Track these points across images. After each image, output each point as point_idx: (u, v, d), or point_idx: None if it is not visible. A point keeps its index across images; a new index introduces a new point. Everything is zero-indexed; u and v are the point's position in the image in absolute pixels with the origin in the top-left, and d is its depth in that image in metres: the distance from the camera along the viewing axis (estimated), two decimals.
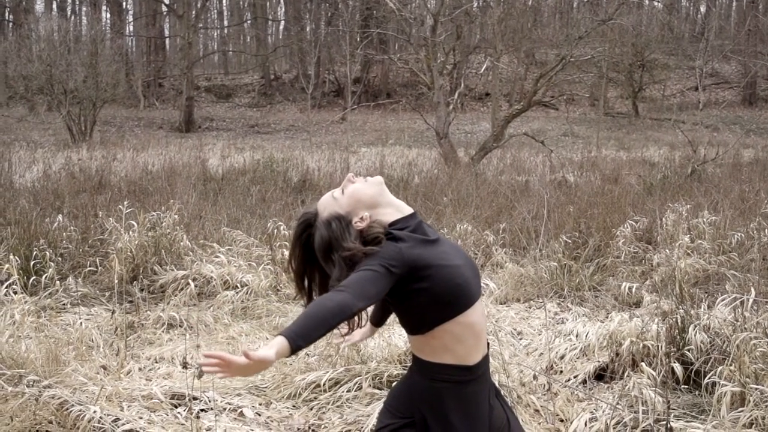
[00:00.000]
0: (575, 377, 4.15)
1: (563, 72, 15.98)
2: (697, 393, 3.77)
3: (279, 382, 3.95)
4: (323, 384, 3.83)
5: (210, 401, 3.62)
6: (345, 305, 1.75)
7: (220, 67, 42.57)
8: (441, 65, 15.94)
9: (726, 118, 28.29)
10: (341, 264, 1.93)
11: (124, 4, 39.97)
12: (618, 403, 3.54)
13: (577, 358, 4.39)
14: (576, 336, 4.66)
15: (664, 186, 10.64)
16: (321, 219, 2.01)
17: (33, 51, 22.13)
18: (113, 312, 4.83)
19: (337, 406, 3.70)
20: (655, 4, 32.60)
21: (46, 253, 5.56)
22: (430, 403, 1.96)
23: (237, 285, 5.70)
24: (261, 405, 3.74)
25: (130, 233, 6.11)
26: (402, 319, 2.01)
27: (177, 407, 3.59)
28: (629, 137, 23.82)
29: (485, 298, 5.72)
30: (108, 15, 38.42)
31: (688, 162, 13.15)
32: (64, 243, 6.33)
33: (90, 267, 5.99)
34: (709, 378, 3.67)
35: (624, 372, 4.06)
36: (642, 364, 3.88)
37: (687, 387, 3.86)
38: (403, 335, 4.16)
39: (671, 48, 32.40)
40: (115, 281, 4.99)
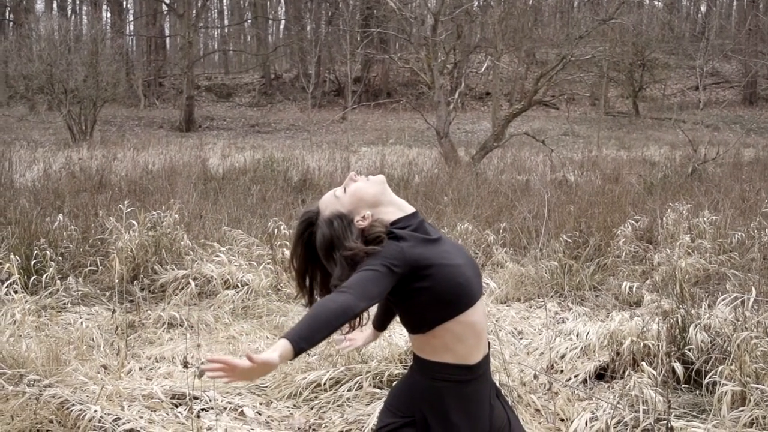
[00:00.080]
0: (576, 377, 4.15)
1: (564, 71, 15.98)
2: (698, 392, 3.77)
3: (279, 381, 3.95)
4: (324, 383, 3.83)
5: (211, 401, 3.62)
6: (348, 307, 1.74)
7: (220, 67, 42.58)
8: (441, 65, 15.93)
9: (726, 117, 28.27)
10: (343, 263, 1.92)
11: (124, 3, 40.02)
12: (618, 403, 3.54)
13: (578, 357, 4.39)
14: (576, 335, 4.66)
15: (664, 185, 10.64)
16: (323, 217, 2.01)
17: (33, 50, 22.14)
18: (114, 311, 4.83)
19: (338, 405, 3.70)
20: (656, 3, 32.61)
21: (46, 253, 5.56)
22: (430, 403, 1.96)
23: (237, 284, 5.70)
24: (261, 404, 3.74)
25: (130, 233, 6.11)
26: (403, 318, 2.01)
27: (178, 407, 3.59)
28: (630, 137, 23.81)
29: (486, 297, 5.72)
30: (108, 14, 38.44)
31: (688, 161, 13.15)
32: (64, 242, 6.33)
33: (90, 266, 6.00)
34: (710, 377, 3.67)
35: (624, 371, 4.06)
36: (642, 363, 3.88)
37: (687, 386, 3.86)
38: (404, 334, 4.16)
39: (672, 47, 32.38)
40: (116, 281, 4.99)
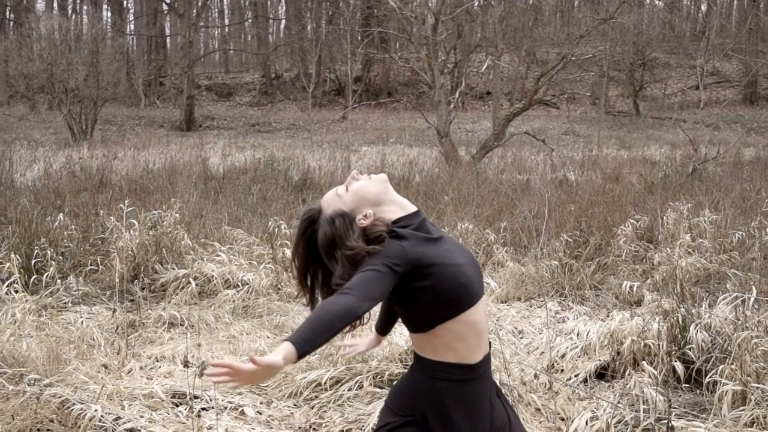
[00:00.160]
0: (576, 376, 4.15)
1: (564, 71, 15.97)
2: (698, 392, 3.77)
3: (280, 380, 3.95)
4: (324, 383, 3.83)
5: (211, 400, 3.62)
6: (350, 308, 1.74)
7: (220, 66, 42.58)
8: (442, 64, 15.93)
9: (727, 116, 28.27)
10: (344, 261, 1.92)
11: (124, 2, 40.07)
12: (619, 402, 3.54)
13: (578, 356, 4.39)
14: (577, 335, 4.66)
15: (665, 185, 10.63)
16: (325, 216, 2.01)
17: (34, 50, 22.15)
18: (114, 311, 4.83)
19: (338, 404, 3.70)
20: (656, 2, 32.58)
21: (47, 252, 5.55)
22: (431, 402, 1.95)
23: (238, 284, 5.70)
24: (262, 404, 3.74)
25: (131, 232, 6.11)
26: (404, 317, 2.00)
27: (178, 406, 3.59)
28: (630, 136, 23.81)
29: (486, 296, 5.71)
30: (109, 14, 38.47)
31: (689, 161, 13.14)
32: (65, 242, 6.33)
33: (91, 266, 6.00)
34: (711, 377, 3.67)
35: (625, 371, 4.06)
36: (643, 362, 3.88)
37: (688, 386, 3.86)
38: (405, 334, 4.16)
39: (672, 47, 32.37)
40: (116, 280, 4.99)
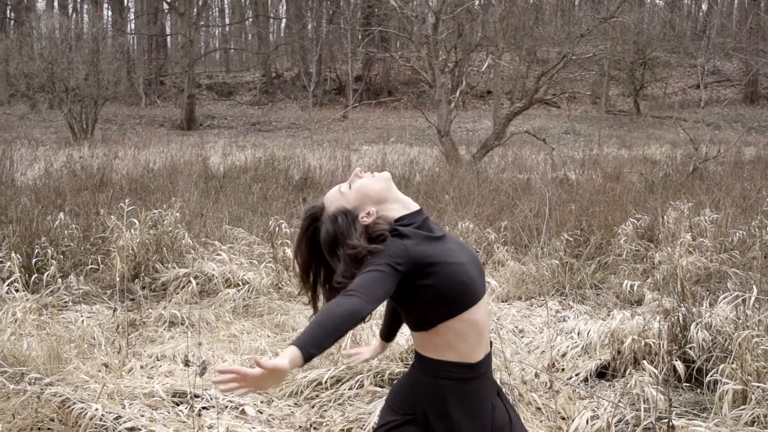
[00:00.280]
0: (577, 375, 4.15)
1: (565, 70, 15.97)
2: (699, 391, 3.77)
3: None
4: (325, 382, 3.83)
5: (212, 399, 3.62)
6: (355, 310, 1.74)
7: (221, 65, 42.59)
8: (442, 63, 15.92)
9: (727, 116, 28.24)
10: (346, 260, 1.92)
11: (125, 1, 40.07)
12: (620, 401, 3.54)
13: (579, 356, 4.38)
14: (578, 334, 4.66)
15: (665, 184, 10.63)
16: (327, 213, 2.00)
17: (34, 49, 22.17)
18: (115, 310, 4.83)
19: (339, 403, 3.70)
20: (657, 1, 32.57)
21: (47, 251, 5.55)
22: (432, 401, 1.95)
23: (238, 283, 5.70)
24: (263, 403, 3.74)
25: (131, 231, 6.11)
26: (405, 316, 2.00)
27: (179, 405, 3.59)
28: (631, 135, 23.80)
29: (487, 295, 5.70)
30: (109, 13, 38.51)
31: (689, 160, 13.14)
32: (65, 241, 6.33)
33: (91, 265, 6.00)
34: (711, 376, 3.67)
35: (626, 370, 4.06)
36: (644, 362, 3.88)
37: (689, 385, 3.86)
38: (405, 332, 4.15)
39: (673, 46, 32.34)
40: (117, 279, 4.99)
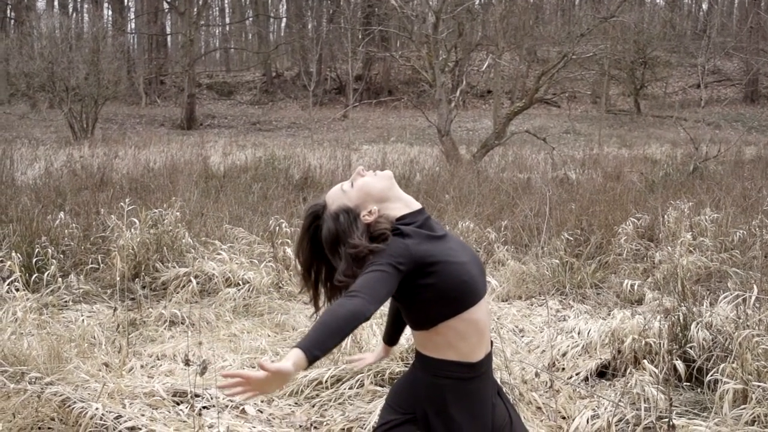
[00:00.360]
0: (577, 374, 4.15)
1: (565, 69, 15.96)
2: (700, 390, 3.77)
3: None
4: (325, 381, 3.83)
5: (212, 398, 3.62)
6: (358, 311, 1.74)
7: (221, 65, 42.58)
8: (443, 62, 15.92)
9: (728, 115, 28.24)
10: (347, 258, 1.92)
11: (125, 1, 40.05)
12: (620, 401, 3.54)
13: (579, 355, 4.38)
14: (578, 333, 4.65)
15: (666, 183, 10.62)
16: (329, 211, 2.00)
17: (35, 48, 22.17)
18: (115, 309, 4.83)
19: (339, 403, 3.70)
20: (657, 1, 32.54)
21: (47, 251, 5.55)
22: (432, 400, 1.96)
23: (239, 282, 5.70)
24: (263, 402, 3.74)
25: (131, 230, 6.11)
26: (406, 315, 2.01)
27: (179, 404, 3.59)
28: (631, 134, 23.80)
29: (487, 295, 5.71)
30: (109, 12, 38.50)
31: (690, 159, 13.14)
32: (65, 240, 6.32)
33: (92, 264, 5.99)
34: (712, 375, 3.67)
35: (626, 369, 4.06)
36: (644, 361, 3.87)
37: (689, 384, 3.86)
38: (406, 332, 4.15)
39: (673, 45, 32.34)
40: (117, 278, 4.99)
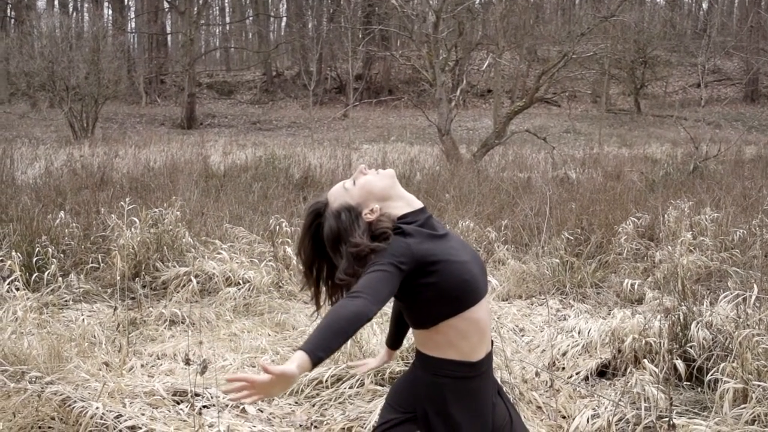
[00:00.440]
0: (577, 374, 4.15)
1: (565, 69, 15.97)
2: (700, 390, 3.77)
3: None
4: (325, 380, 3.83)
5: (212, 398, 3.62)
6: (361, 312, 1.74)
7: (221, 64, 42.56)
8: (443, 62, 15.91)
9: (728, 114, 28.23)
10: (349, 257, 1.92)
11: (125, 0, 40.01)
12: (620, 400, 3.54)
13: (579, 354, 4.38)
14: (578, 333, 4.65)
15: (666, 183, 10.62)
16: (331, 209, 2.00)
17: (35, 47, 22.17)
18: (115, 308, 4.83)
19: (339, 402, 3.71)
20: (657, 0, 32.53)
21: (48, 250, 5.55)
22: (432, 399, 1.95)
23: (239, 281, 5.70)
24: (263, 401, 3.74)
25: (132, 230, 6.11)
26: (407, 313, 2.00)
27: (179, 404, 3.59)
28: (631, 134, 23.80)
29: (488, 294, 5.71)
30: (110, 11, 38.48)
31: (690, 159, 13.14)
32: (66, 239, 6.33)
33: (92, 264, 5.99)
34: (712, 375, 3.67)
35: (626, 369, 4.06)
36: (644, 360, 3.88)
37: (689, 384, 3.86)
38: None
39: (673, 45, 32.32)
40: (117, 278, 4.99)
